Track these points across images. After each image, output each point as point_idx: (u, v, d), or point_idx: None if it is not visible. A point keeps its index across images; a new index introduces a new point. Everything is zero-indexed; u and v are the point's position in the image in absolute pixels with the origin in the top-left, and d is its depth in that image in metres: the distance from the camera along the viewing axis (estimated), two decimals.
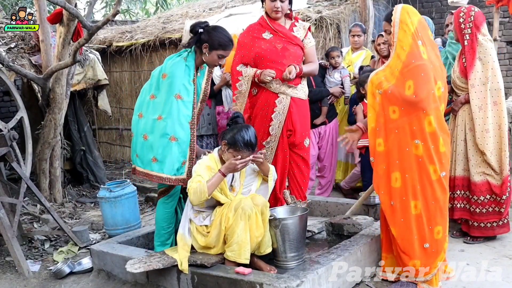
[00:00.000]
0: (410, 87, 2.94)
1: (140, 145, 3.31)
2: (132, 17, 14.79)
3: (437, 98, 2.99)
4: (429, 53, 3.01)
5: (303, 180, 4.01)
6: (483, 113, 3.64)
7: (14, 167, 4.40)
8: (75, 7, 4.90)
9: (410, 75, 2.95)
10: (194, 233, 3.14)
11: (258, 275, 2.86)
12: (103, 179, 6.74)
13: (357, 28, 5.43)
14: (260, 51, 3.82)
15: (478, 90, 3.65)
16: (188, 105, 3.26)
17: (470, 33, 3.68)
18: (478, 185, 3.71)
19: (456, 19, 3.76)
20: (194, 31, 3.33)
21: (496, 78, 3.65)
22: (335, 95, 4.99)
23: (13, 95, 5.25)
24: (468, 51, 3.69)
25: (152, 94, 3.33)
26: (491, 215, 3.71)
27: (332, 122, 5.05)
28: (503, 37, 7.47)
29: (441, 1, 8.04)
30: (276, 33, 3.85)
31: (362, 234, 3.41)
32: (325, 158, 5.10)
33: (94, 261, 3.71)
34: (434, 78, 2.97)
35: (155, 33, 7.95)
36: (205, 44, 3.28)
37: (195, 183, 2.98)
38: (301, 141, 3.93)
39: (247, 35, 3.94)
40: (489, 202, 3.70)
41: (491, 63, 3.64)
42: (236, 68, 3.91)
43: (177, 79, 3.23)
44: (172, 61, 3.30)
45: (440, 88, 3.02)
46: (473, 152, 3.72)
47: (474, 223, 3.76)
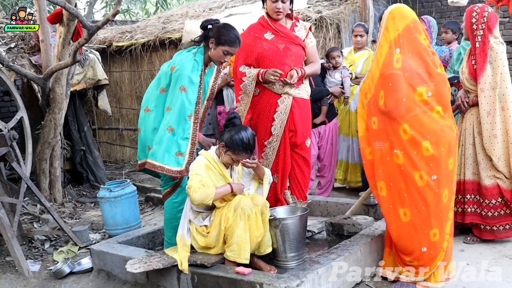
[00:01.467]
0: (382, 97, 2.97)
1: (159, 138, 3.28)
2: (132, 17, 14.80)
3: (418, 103, 2.92)
4: (406, 61, 2.94)
5: (304, 181, 4.01)
6: (491, 118, 3.61)
7: (14, 167, 4.40)
8: (75, 7, 4.90)
9: (382, 85, 2.98)
10: (194, 234, 3.14)
11: (258, 275, 2.86)
12: (103, 179, 6.74)
13: (359, 28, 5.43)
14: (263, 52, 3.82)
15: (487, 95, 3.61)
16: (191, 98, 3.27)
17: (482, 35, 3.61)
18: (489, 189, 3.67)
19: (468, 18, 3.68)
20: (204, 27, 3.40)
21: (505, 83, 3.60)
22: (335, 94, 4.99)
23: (13, 95, 5.25)
24: (480, 53, 3.62)
25: (162, 88, 3.36)
26: (503, 218, 3.68)
27: (332, 121, 5.04)
28: (503, 37, 7.41)
29: (441, 1, 8.04)
30: (278, 33, 3.85)
31: (362, 234, 3.41)
32: (325, 157, 5.10)
33: (94, 261, 3.71)
34: (410, 85, 2.91)
35: (155, 33, 7.96)
36: (212, 39, 3.33)
37: (196, 182, 2.98)
38: (302, 141, 3.93)
39: (248, 35, 3.93)
40: (500, 205, 3.67)
41: (501, 67, 3.58)
42: (239, 69, 3.91)
43: (184, 71, 3.26)
44: (182, 55, 3.36)
45: (423, 93, 2.93)
46: (482, 156, 3.69)
47: (487, 227, 3.73)
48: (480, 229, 3.77)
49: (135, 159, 8.88)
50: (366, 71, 5.31)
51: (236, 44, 3.35)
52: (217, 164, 3.15)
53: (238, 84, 3.92)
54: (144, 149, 3.41)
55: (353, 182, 5.50)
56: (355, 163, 5.36)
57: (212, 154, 3.19)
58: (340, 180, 5.61)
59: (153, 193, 6.15)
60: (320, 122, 4.92)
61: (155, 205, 5.90)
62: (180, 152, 3.23)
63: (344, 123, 5.41)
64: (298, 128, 3.88)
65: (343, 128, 5.41)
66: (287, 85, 3.78)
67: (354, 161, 5.40)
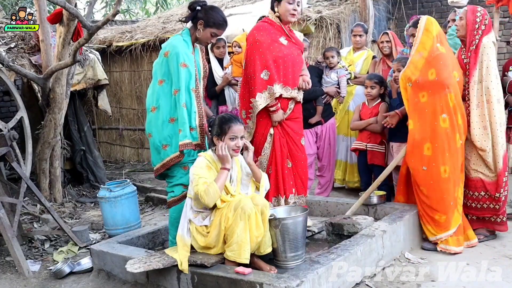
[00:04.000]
0: (432, 73, 3.69)
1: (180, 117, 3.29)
2: (132, 17, 14.81)
3: (455, 81, 3.71)
4: (447, 50, 3.78)
5: (303, 174, 3.98)
6: (480, 111, 3.71)
7: (14, 167, 4.40)
8: (75, 7, 4.90)
9: (432, 65, 3.70)
10: (194, 233, 3.14)
11: (258, 275, 2.86)
12: (103, 179, 6.74)
13: (359, 28, 5.43)
14: (283, 56, 3.75)
15: (475, 88, 3.72)
16: (192, 72, 3.34)
17: (481, 36, 3.72)
18: (473, 181, 3.80)
19: (472, 18, 3.74)
20: (192, 8, 3.44)
21: (490, 77, 3.68)
22: (330, 94, 4.97)
23: (13, 95, 5.25)
24: (474, 51, 3.73)
25: (159, 79, 3.39)
26: (486, 211, 3.79)
27: (328, 121, 5.03)
28: (503, 37, 7.47)
29: (441, 1, 8.04)
30: (290, 39, 3.83)
31: (362, 234, 3.41)
32: (323, 157, 5.09)
33: (94, 261, 3.71)
34: (452, 66, 3.71)
35: (155, 33, 7.96)
36: (200, 21, 3.40)
37: (202, 185, 2.98)
38: (300, 137, 3.95)
39: (265, 35, 3.78)
40: (483, 199, 3.79)
41: (486, 61, 3.68)
42: (260, 75, 3.74)
43: (180, 50, 3.32)
44: (169, 40, 3.43)
45: (456, 77, 3.73)
46: (468, 150, 3.79)
47: (473, 217, 3.85)
48: (467, 219, 3.85)
49: (135, 159, 8.89)
50: (365, 71, 5.36)
51: (224, 27, 3.45)
52: (217, 164, 3.15)
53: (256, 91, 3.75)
54: (159, 152, 3.41)
55: (352, 182, 5.51)
56: (354, 163, 5.36)
57: (211, 154, 3.20)
58: (339, 180, 5.61)
59: (153, 193, 6.15)
60: (315, 122, 4.91)
61: (155, 205, 5.91)
62: (191, 127, 3.28)
63: (343, 123, 5.41)
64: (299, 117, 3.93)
65: (342, 128, 5.41)
66: (295, 88, 3.82)
67: (352, 161, 5.40)
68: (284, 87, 3.77)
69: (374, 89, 4.71)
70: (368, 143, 4.74)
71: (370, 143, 4.73)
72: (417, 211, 3.83)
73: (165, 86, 3.37)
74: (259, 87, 3.73)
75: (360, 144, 4.82)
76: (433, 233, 3.69)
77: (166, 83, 3.37)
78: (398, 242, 3.59)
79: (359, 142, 4.85)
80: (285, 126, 3.88)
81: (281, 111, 3.81)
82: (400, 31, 7.58)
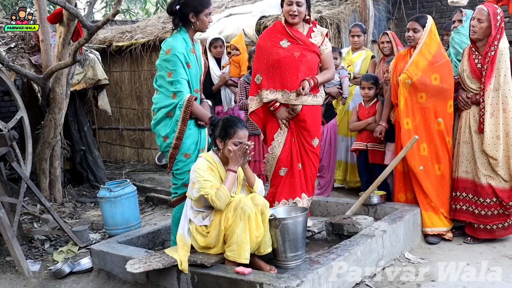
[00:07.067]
0: (436, 79, 3.82)
1: None
2: (132, 17, 14.80)
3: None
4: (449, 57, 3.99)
5: (311, 175, 3.97)
6: (495, 119, 3.64)
7: (14, 167, 4.40)
8: (75, 7, 4.90)
9: (437, 70, 3.82)
10: (194, 233, 3.14)
11: (258, 275, 2.86)
12: (103, 179, 6.73)
13: (356, 28, 5.42)
14: (279, 59, 3.73)
15: (491, 96, 3.64)
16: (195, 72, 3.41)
17: (499, 38, 3.63)
18: (484, 188, 3.71)
19: (494, 22, 3.61)
20: (173, 11, 3.38)
21: (508, 85, 3.63)
22: (332, 95, 4.97)
23: (13, 95, 5.25)
24: (492, 58, 3.62)
25: (169, 72, 3.34)
26: (496, 218, 3.71)
27: (330, 122, 5.03)
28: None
29: (441, 1, 8.03)
30: (294, 40, 3.77)
31: (362, 234, 3.41)
32: (324, 158, 5.08)
33: (94, 261, 3.71)
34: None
35: (155, 33, 7.95)
36: (190, 14, 3.35)
37: (210, 189, 2.98)
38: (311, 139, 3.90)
39: (266, 39, 3.85)
40: (494, 205, 3.71)
41: (504, 69, 3.62)
42: (254, 79, 3.87)
43: (180, 50, 3.31)
44: (168, 40, 3.40)
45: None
46: (479, 154, 3.72)
47: (480, 225, 3.76)
48: (474, 227, 3.80)
49: (135, 159, 8.89)
50: (364, 71, 5.35)
51: (210, 2, 3.42)
52: (217, 165, 3.15)
53: (251, 93, 3.93)
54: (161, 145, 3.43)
55: (352, 182, 5.50)
56: (354, 163, 5.36)
57: (212, 155, 3.19)
58: (340, 180, 5.60)
59: (153, 193, 6.15)
60: None
61: (155, 205, 5.90)
62: None
63: (343, 123, 5.40)
64: (307, 120, 3.83)
65: (342, 128, 5.41)
66: (301, 95, 3.72)
67: (353, 161, 5.39)
68: (282, 91, 3.76)
69: (372, 90, 4.73)
70: (368, 142, 4.74)
71: (370, 142, 4.73)
72: (417, 211, 3.84)
73: (165, 84, 3.36)
74: (252, 90, 3.92)
75: (360, 144, 4.82)
76: (434, 225, 3.87)
77: (166, 82, 3.36)
78: (398, 242, 3.59)
79: (359, 142, 4.85)
80: (295, 127, 3.86)
81: (284, 108, 3.80)
82: (400, 31, 7.58)
